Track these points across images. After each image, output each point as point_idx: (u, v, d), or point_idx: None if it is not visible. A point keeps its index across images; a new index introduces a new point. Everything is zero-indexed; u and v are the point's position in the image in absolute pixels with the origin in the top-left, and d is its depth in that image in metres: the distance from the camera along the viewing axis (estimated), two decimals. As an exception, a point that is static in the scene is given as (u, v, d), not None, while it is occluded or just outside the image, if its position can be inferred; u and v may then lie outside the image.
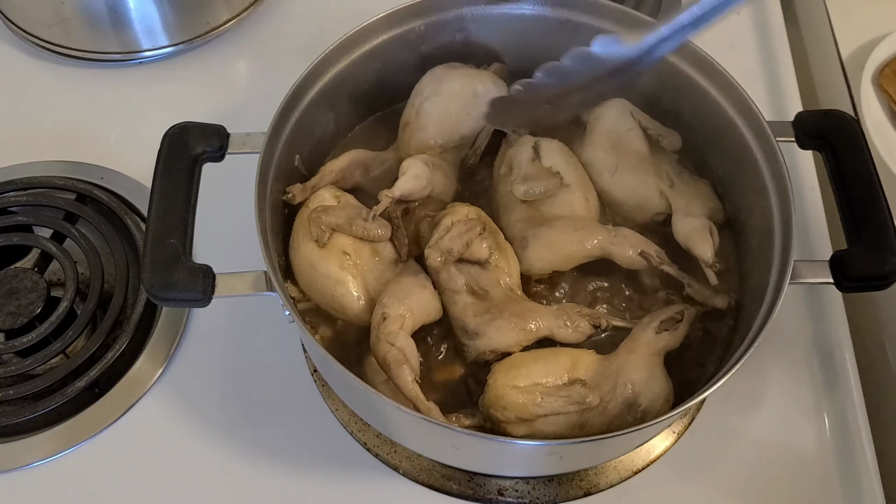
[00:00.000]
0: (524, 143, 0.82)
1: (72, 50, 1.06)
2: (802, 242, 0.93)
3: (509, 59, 0.89)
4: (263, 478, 0.79)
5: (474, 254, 0.74)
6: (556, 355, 0.71)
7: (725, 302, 0.75)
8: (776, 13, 1.15)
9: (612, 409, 0.68)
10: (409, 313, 0.71)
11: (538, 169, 0.81)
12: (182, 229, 0.68)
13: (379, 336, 0.70)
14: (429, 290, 0.74)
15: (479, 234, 0.74)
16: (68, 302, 0.85)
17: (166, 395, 0.83)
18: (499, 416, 0.68)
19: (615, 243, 0.76)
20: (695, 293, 0.76)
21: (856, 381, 0.84)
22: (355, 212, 0.77)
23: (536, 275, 0.78)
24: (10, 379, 0.82)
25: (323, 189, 0.79)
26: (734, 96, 0.78)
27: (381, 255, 0.76)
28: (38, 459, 0.79)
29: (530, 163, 0.81)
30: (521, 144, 0.82)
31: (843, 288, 0.70)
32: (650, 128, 0.83)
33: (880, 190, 0.71)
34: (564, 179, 0.80)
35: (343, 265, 0.74)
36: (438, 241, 0.73)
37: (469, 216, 0.75)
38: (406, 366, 0.68)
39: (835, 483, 0.79)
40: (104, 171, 0.97)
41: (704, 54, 0.79)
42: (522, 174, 0.80)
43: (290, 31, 1.12)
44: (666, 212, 0.81)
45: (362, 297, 0.74)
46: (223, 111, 0.94)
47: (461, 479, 0.79)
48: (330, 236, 0.75)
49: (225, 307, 0.87)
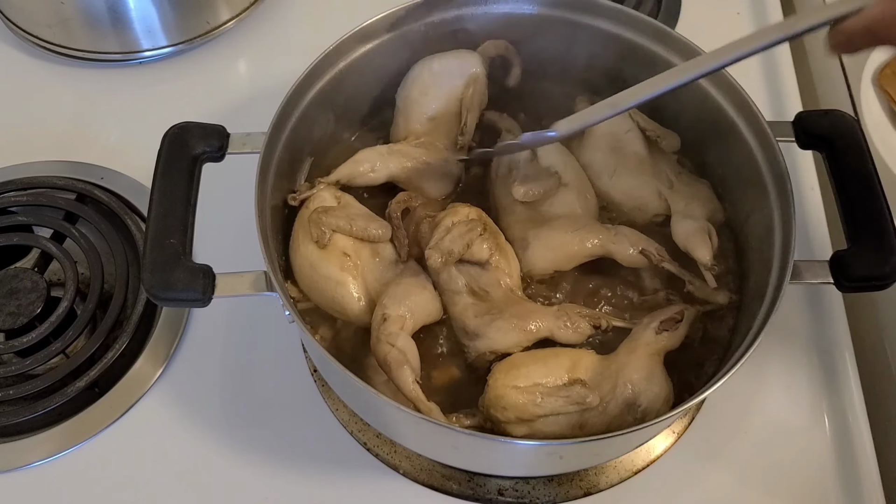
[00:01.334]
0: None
1: (72, 50, 1.06)
2: (802, 242, 0.93)
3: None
4: (263, 478, 0.79)
5: (475, 255, 0.74)
6: (556, 356, 0.71)
7: (727, 298, 0.76)
8: (776, 13, 1.15)
9: (612, 409, 0.68)
10: (410, 314, 0.71)
11: (537, 169, 0.81)
12: (182, 229, 0.68)
13: (379, 337, 0.70)
14: (429, 290, 0.74)
15: (479, 235, 0.74)
16: (68, 302, 0.85)
17: (166, 395, 0.83)
18: (499, 416, 0.68)
19: (615, 242, 0.76)
20: (695, 290, 0.76)
21: (856, 381, 0.84)
22: (356, 212, 0.77)
23: (538, 275, 0.78)
24: (10, 379, 0.82)
25: (323, 190, 0.79)
26: (734, 96, 0.78)
27: (382, 256, 0.76)
28: (38, 459, 0.79)
29: (529, 163, 0.81)
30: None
31: (843, 288, 0.70)
32: (649, 129, 0.83)
33: (880, 190, 0.71)
34: (563, 179, 0.80)
35: (343, 266, 0.74)
36: (439, 241, 0.73)
37: (470, 217, 0.75)
38: (407, 366, 0.68)
39: (835, 483, 0.79)
40: (104, 171, 0.97)
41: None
42: (521, 175, 0.80)
43: (290, 31, 1.12)
44: (665, 213, 0.81)
45: (362, 297, 0.74)
46: (223, 111, 0.94)
47: (461, 479, 0.79)
48: (330, 237, 0.75)
49: (225, 307, 0.87)
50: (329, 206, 0.77)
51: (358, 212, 0.78)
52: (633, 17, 0.83)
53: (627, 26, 0.83)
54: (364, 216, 0.77)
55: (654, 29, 0.82)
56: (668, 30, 0.82)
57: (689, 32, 0.82)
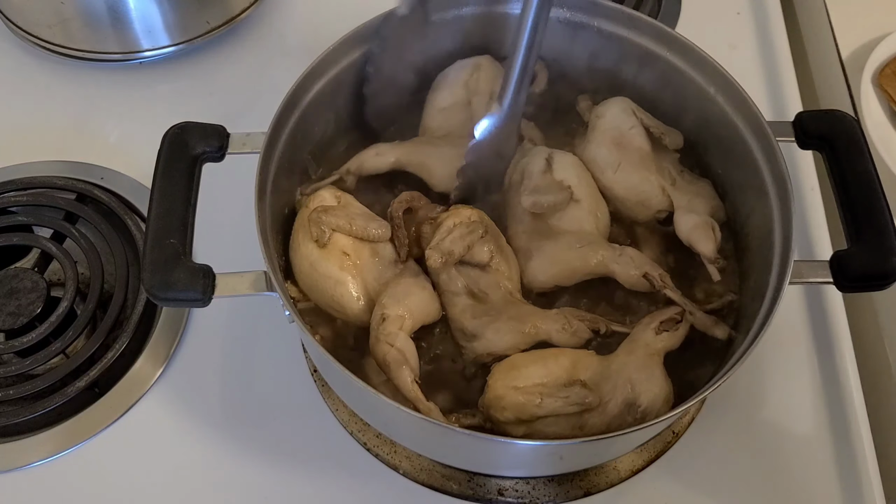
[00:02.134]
0: (538, 153, 0.82)
1: (72, 50, 1.06)
2: (802, 242, 0.93)
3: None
4: (263, 478, 0.79)
5: (475, 256, 0.74)
6: (556, 356, 0.71)
7: (725, 333, 0.74)
8: (776, 13, 1.15)
9: (612, 409, 0.68)
10: (409, 314, 0.71)
11: (549, 181, 0.80)
12: (182, 229, 0.68)
13: (378, 337, 0.70)
14: (428, 290, 0.74)
15: (480, 237, 0.74)
16: (68, 302, 0.85)
17: (166, 395, 0.83)
18: (498, 416, 0.68)
19: (619, 262, 0.75)
20: (696, 321, 0.74)
21: (856, 381, 0.84)
22: (355, 212, 0.77)
23: (538, 289, 0.77)
24: (10, 379, 0.82)
25: (323, 189, 0.79)
26: (734, 96, 0.78)
27: (381, 256, 0.76)
28: (38, 459, 0.79)
29: (542, 174, 0.80)
30: (534, 155, 0.82)
31: (843, 288, 0.70)
32: (652, 126, 0.83)
33: (880, 190, 0.71)
34: (575, 194, 0.79)
35: (343, 265, 0.74)
36: (440, 242, 0.73)
37: (471, 218, 0.75)
38: (406, 366, 0.68)
39: (835, 483, 0.79)
40: (104, 171, 0.97)
41: (704, 54, 0.80)
42: (532, 185, 0.80)
43: (290, 31, 1.12)
44: (668, 209, 0.81)
45: (362, 297, 0.74)
46: (223, 111, 0.93)
47: (461, 479, 0.79)
48: (330, 236, 0.75)
49: (225, 307, 0.87)
50: (329, 205, 0.77)
51: (358, 211, 0.78)
52: (633, 17, 0.83)
53: (627, 26, 0.83)
54: (364, 216, 0.77)
55: (654, 29, 0.82)
56: (669, 30, 0.82)
57: (689, 32, 0.82)
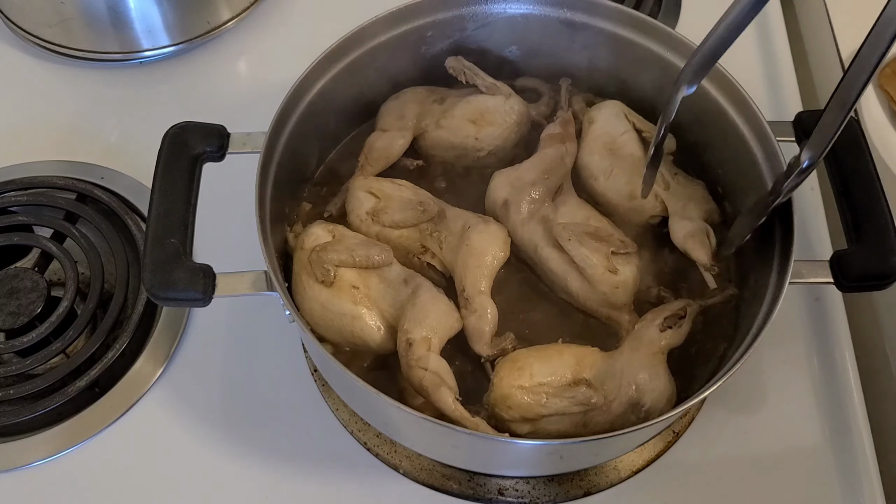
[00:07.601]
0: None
1: (72, 50, 1.06)
2: (802, 242, 0.92)
3: (510, 58, 0.89)
4: (263, 478, 0.79)
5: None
6: (561, 353, 0.71)
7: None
8: (776, 13, 1.15)
9: (616, 408, 0.68)
10: (433, 333, 0.70)
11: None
12: (182, 229, 0.68)
13: (410, 363, 0.69)
14: (443, 301, 0.73)
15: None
16: (68, 302, 0.85)
17: (166, 395, 0.83)
18: (504, 415, 0.69)
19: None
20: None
21: (856, 381, 0.84)
22: (354, 242, 0.76)
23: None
24: (10, 379, 0.82)
25: (314, 226, 0.78)
26: (734, 96, 0.78)
27: (390, 280, 0.75)
28: (38, 459, 0.79)
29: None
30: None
31: (843, 288, 0.70)
32: (645, 130, 0.83)
33: (880, 190, 0.71)
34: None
35: (356, 300, 0.73)
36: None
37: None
38: (444, 387, 0.67)
39: (835, 483, 0.79)
40: (104, 170, 0.97)
41: (704, 54, 0.79)
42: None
43: (290, 31, 1.12)
44: (661, 214, 0.81)
45: (381, 326, 0.73)
46: (223, 111, 0.93)
47: (461, 478, 0.79)
48: (335, 273, 0.73)
49: (225, 307, 0.87)
50: (324, 241, 0.76)
51: (355, 241, 0.76)
52: (633, 17, 0.83)
53: (627, 26, 0.83)
54: (363, 244, 0.76)
55: (655, 29, 0.82)
56: (669, 30, 0.82)
57: (689, 32, 0.82)
